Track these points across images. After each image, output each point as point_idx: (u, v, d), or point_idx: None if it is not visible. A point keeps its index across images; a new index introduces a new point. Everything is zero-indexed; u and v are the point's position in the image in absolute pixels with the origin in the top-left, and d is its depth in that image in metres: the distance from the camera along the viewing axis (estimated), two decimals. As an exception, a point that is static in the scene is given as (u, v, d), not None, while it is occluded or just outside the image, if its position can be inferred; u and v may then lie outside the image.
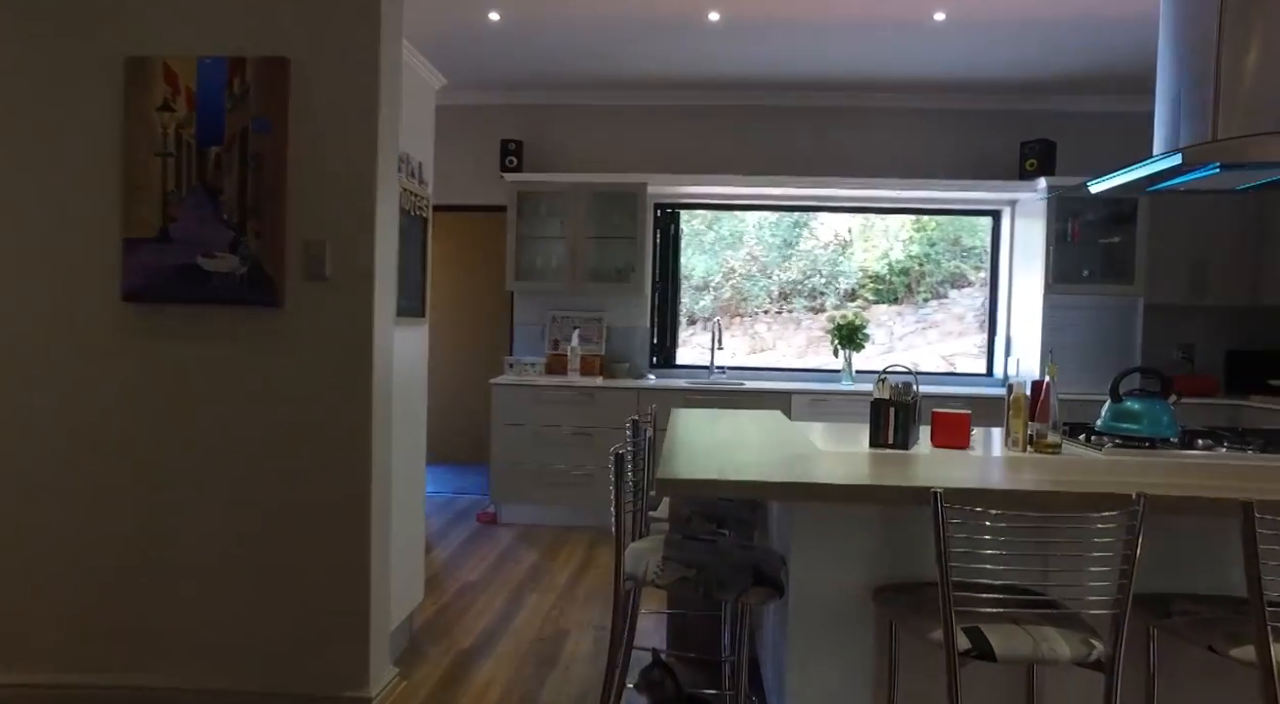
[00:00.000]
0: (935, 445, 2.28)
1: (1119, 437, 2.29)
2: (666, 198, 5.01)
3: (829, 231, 9.65)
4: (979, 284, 9.16)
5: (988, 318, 5.12)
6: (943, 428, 2.26)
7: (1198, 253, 4.52)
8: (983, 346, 8.34)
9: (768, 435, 2.35)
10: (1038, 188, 4.51)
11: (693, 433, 2.35)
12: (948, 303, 8.86)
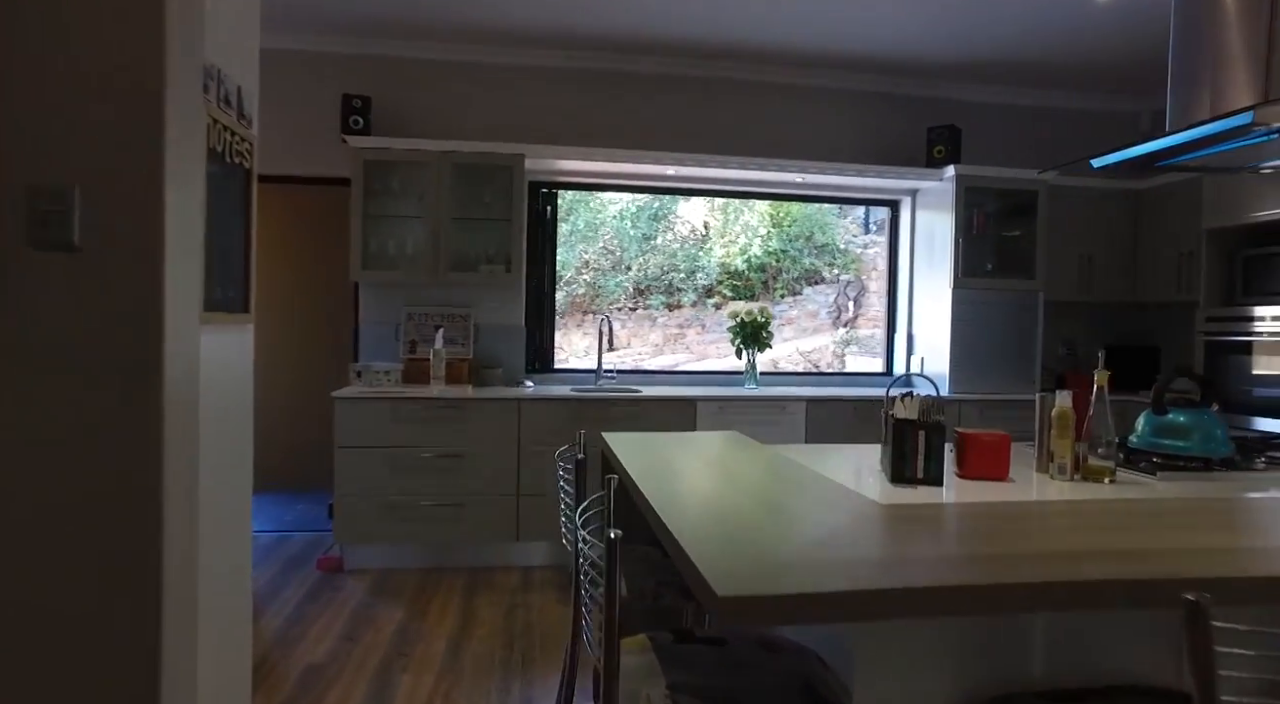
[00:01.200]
0: (965, 476, 1.78)
1: (1159, 455, 1.90)
2: (544, 175, 4.30)
3: (687, 225, 9.28)
4: (832, 281, 9.12)
5: (886, 314, 4.86)
6: (977, 454, 1.77)
7: (1085, 248, 4.48)
8: (840, 342, 8.25)
9: (770, 479, 1.76)
10: (945, 176, 4.27)
11: (661, 481, 1.71)
12: (802, 300, 8.78)
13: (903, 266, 4.75)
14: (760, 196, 4.68)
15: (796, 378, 4.67)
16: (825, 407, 3.99)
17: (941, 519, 1.43)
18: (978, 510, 1.48)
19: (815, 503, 1.49)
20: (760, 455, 2.05)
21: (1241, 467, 1.85)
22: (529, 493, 3.73)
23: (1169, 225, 4.32)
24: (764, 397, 3.94)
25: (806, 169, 4.18)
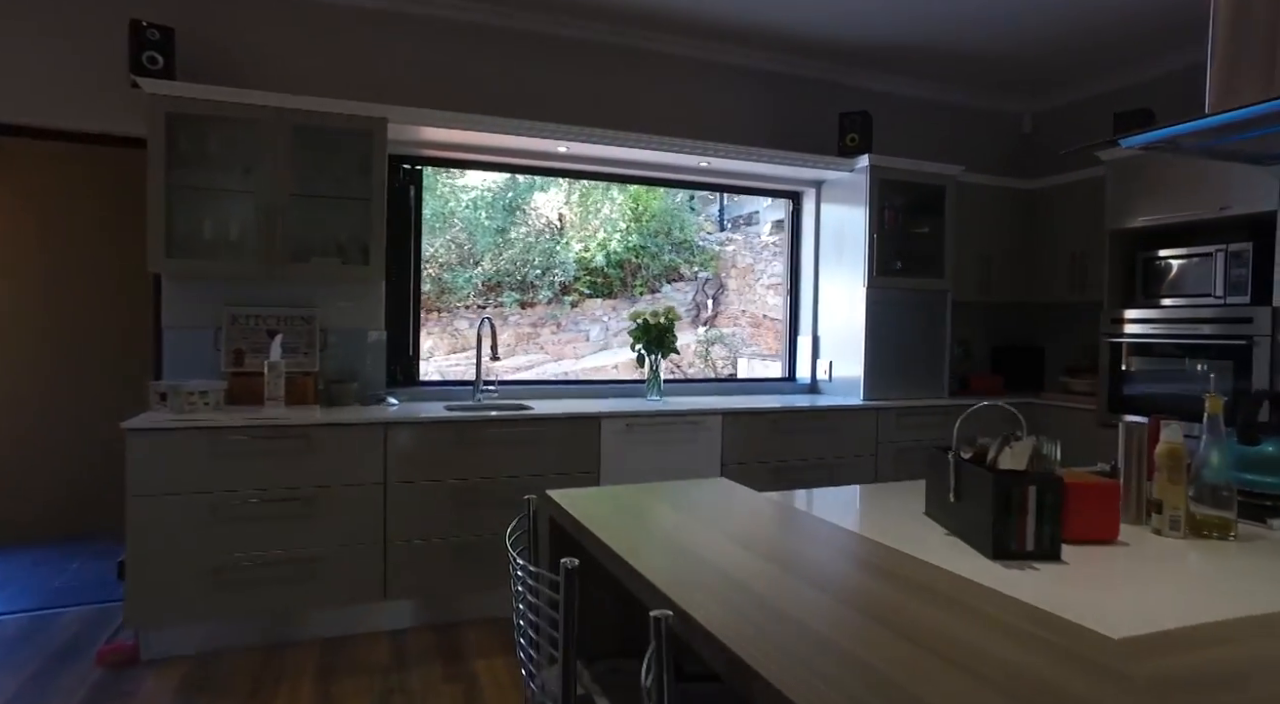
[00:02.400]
0: (1066, 538, 1.34)
1: (1246, 493, 1.57)
2: (409, 146, 3.53)
3: (543, 217, 8.65)
4: (691, 278, 8.86)
5: (788, 314, 4.52)
6: (1083, 507, 1.33)
7: (984, 248, 4.37)
8: (703, 341, 7.95)
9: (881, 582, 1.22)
10: (857, 166, 3.96)
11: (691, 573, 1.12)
12: (661, 297, 8.45)
13: (805, 263, 4.42)
14: (656, 183, 4.17)
15: (698, 386, 4.20)
16: (742, 420, 3.54)
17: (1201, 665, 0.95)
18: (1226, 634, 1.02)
19: (979, 629, 0.98)
20: (809, 527, 1.52)
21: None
22: (400, 539, 2.98)
23: (1062, 226, 4.28)
24: (675, 411, 3.42)
25: (720, 152, 3.71)
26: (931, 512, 1.48)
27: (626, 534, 1.30)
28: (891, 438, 3.85)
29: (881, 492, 1.75)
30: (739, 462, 3.54)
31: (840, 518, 1.49)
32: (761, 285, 8.51)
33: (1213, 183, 3.37)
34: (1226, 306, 3.32)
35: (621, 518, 1.41)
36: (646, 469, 3.37)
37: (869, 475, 3.80)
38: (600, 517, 1.42)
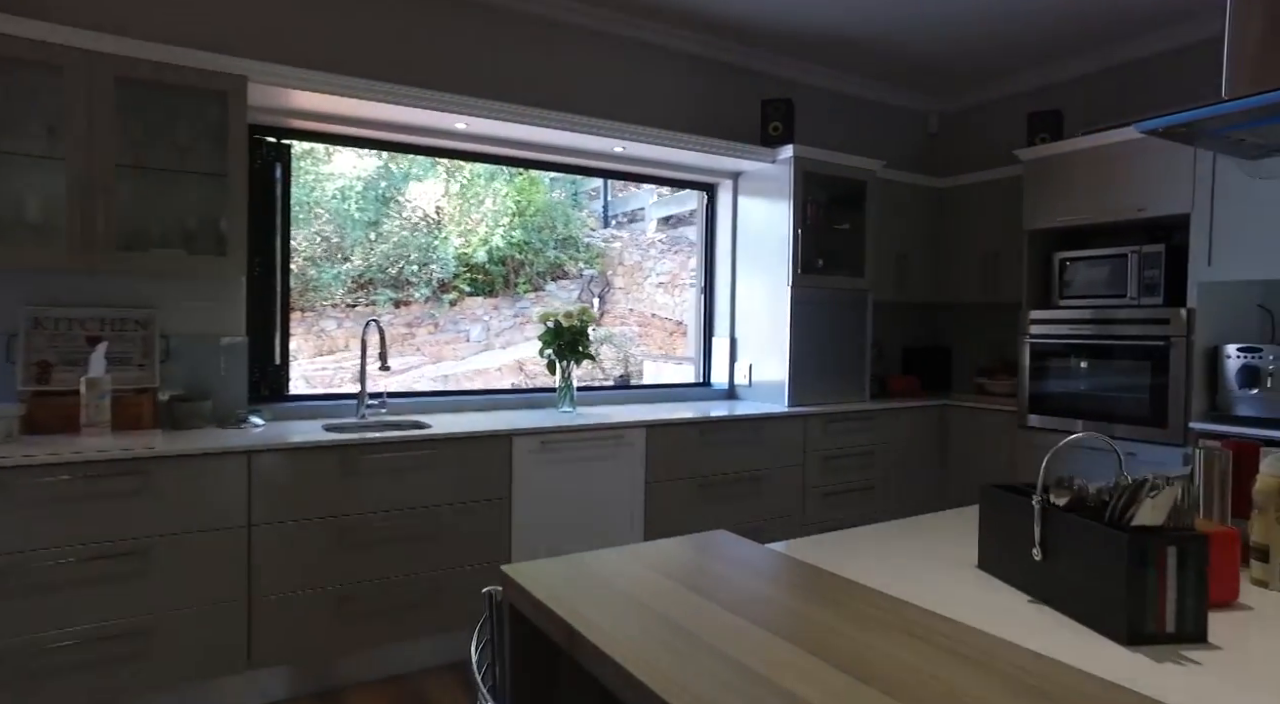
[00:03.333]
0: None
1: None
2: (273, 113, 2.94)
3: (419, 210, 8.02)
4: (576, 276, 8.50)
5: (703, 315, 4.23)
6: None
7: (900, 246, 4.27)
8: (595, 341, 7.68)
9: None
10: (779, 157, 3.72)
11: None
12: (546, 296, 8.05)
13: (721, 261, 4.14)
14: (564, 169, 3.75)
15: (611, 394, 3.83)
16: (668, 433, 3.21)
17: None
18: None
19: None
20: (857, 601, 1.17)
21: None
22: (269, 592, 2.42)
23: (974, 226, 4.25)
24: (596, 425, 3.04)
25: (640, 136, 3.35)
26: (991, 565, 1.19)
27: (652, 652, 0.92)
28: (818, 445, 3.64)
29: (896, 534, 1.46)
30: (665, 478, 3.20)
31: (875, 576, 1.18)
32: (650, 283, 8.25)
33: (1129, 185, 3.37)
34: (1141, 307, 3.33)
35: (626, 613, 1.02)
36: (566, 492, 2.97)
37: (797, 486, 3.57)
38: (599, 615, 1.02)
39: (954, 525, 1.52)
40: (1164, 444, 3.20)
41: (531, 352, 6.07)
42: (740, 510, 3.41)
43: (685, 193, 7.38)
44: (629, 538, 3.12)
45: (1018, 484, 1.22)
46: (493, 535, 2.82)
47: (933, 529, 1.49)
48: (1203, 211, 3.14)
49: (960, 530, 1.48)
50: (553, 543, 2.95)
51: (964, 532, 1.46)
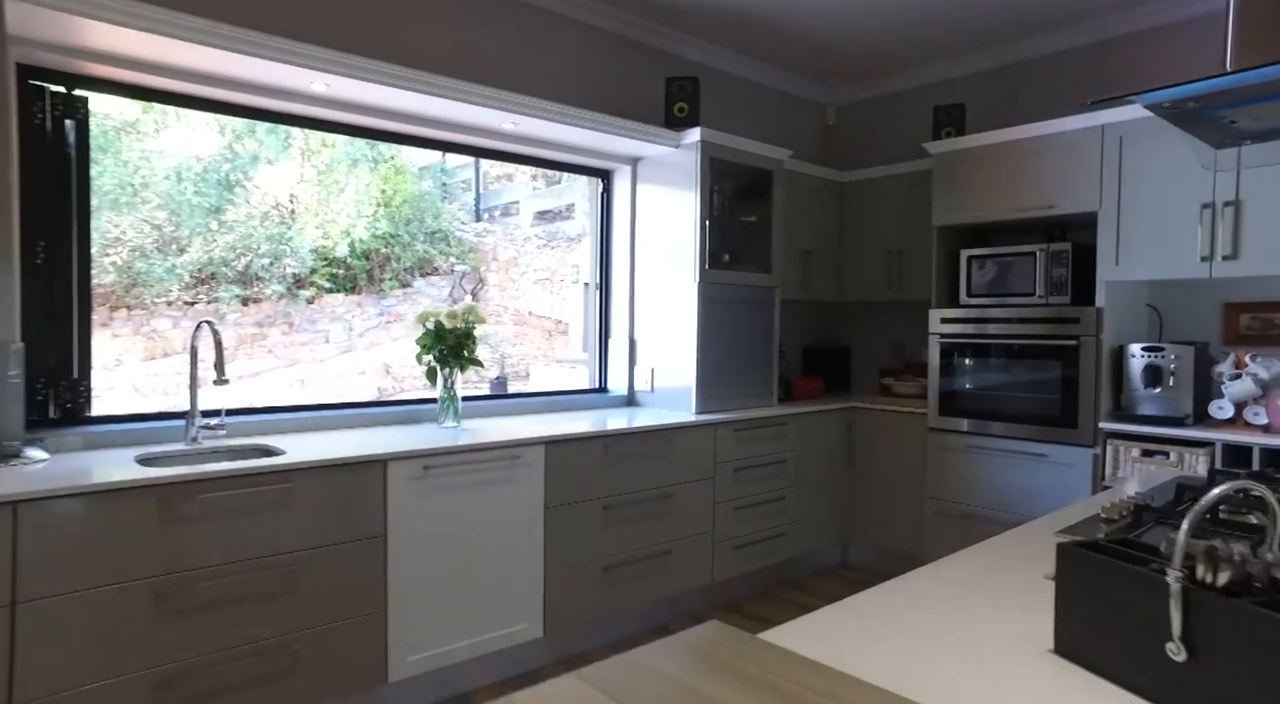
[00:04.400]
0: None
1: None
2: (63, 53, 2.28)
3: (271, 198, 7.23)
4: (447, 272, 7.96)
5: (598, 315, 3.86)
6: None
7: (804, 242, 4.08)
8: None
9: None
10: (685, 141, 3.41)
11: None
12: (414, 293, 7.45)
13: (618, 255, 3.79)
14: (445, 147, 3.27)
15: (497, 404, 3.39)
16: (569, 450, 2.82)
17: None
18: None
19: None
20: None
21: None
22: (36, 697, 1.83)
23: (877, 222, 4.12)
24: (488, 445, 2.59)
25: (536, 110, 2.92)
26: (1079, 653, 0.90)
27: None
28: (729, 455, 3.37)
29: (913, 600, 1.15)
30: (567, 501, 2.81)
31: (913, 671, 0.86)
32: (527, 281, 7.79)
33: (1039, 182, 3.30)
34: (1049, 306, 3.28)
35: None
36: (453, 525, 2.51)
37: (707, 501, 3.28)
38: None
39: (978, 579, 1.24)
40: (1074, 445, 3.15)
41: (400, 353, 5.50)
42: (649, 533, 3.08)
43: (563, 186, 6.95)
44: (526, 575, 2.70)
45: (1111, 540, 0.93)
46: (365, 584, 2.32)
47: (956, 587, 1.19)
48: (1110, 210, 3.10)
49: (994, 587, 1.19)
50: (438, 588, 2.49)
51: (1001, 589, 1.17)
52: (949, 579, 1.22)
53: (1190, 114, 1.55)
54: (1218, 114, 1.54)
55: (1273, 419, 2.83)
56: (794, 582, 3.74)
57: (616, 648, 2.91)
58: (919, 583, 1.20)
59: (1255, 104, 1.49)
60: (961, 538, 3.48)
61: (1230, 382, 2.99)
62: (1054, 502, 3.19)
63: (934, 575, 1.24)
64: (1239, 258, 2.81)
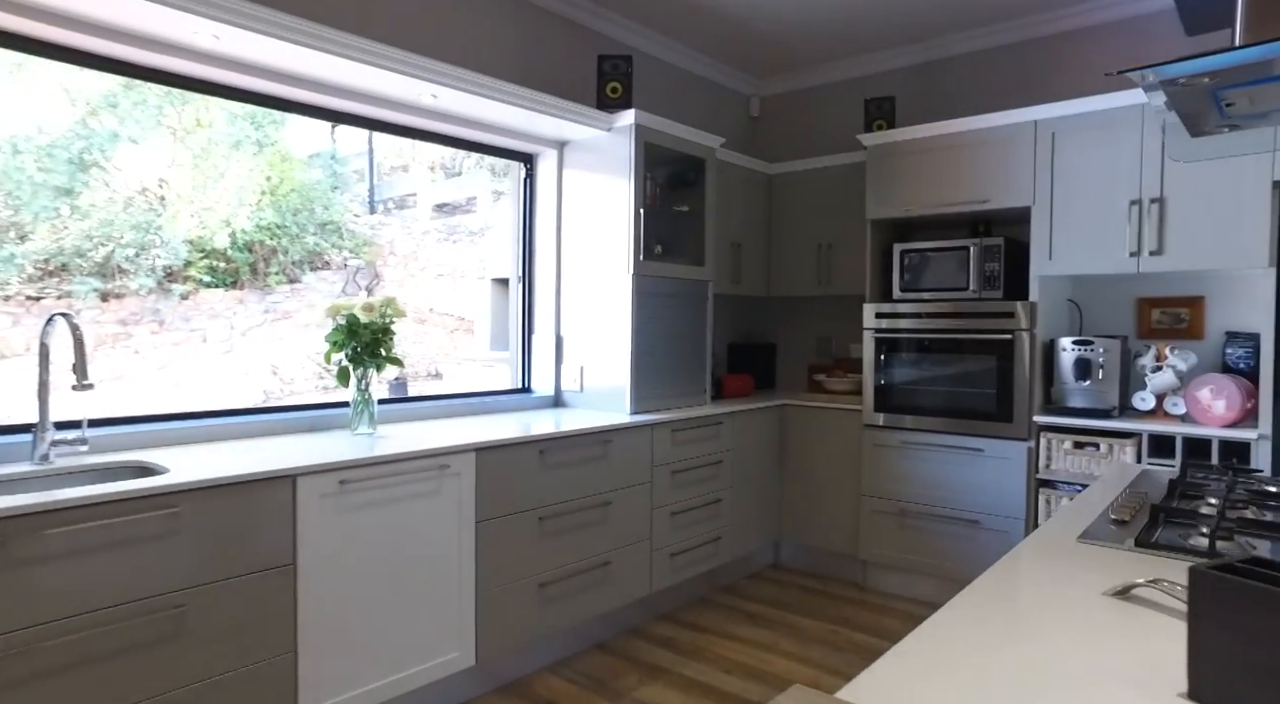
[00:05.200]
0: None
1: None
2: None
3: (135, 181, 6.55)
4: (340, 266, 7.45)
5: (522, 310, 3.59)
6: None
7: (734, 234, 3.96)
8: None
9: None
10: (618, 124, 3.20)
11: None
12: (301, 289, 6.92)
13: (542, 246, 3.53)
14: (356, 122, 2.91)
15: (416, 408, 3.06)
16: (502, 457, 2.55)
17: None
18: None
19: None
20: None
21: None
22: None
23: (807, 215, 4.05)
24: (412, 454, 2.29)
25: (461, 82, 2.63)
26: (1222, 698, 0.75)
27: None
28: (666, 458, 3.18)
29: (993, 635, 0.98)
30: (500, 513, 2.54)
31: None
32: (427, 276, 7.37)
33: (974, 176, 3.30)
34: (983, 300, 3.28)
35: None
36: (374, 546, 2.20)
37: (645, 507, 3.08)
38: None
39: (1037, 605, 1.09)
40: (1010, 439, 3.16)
41: (290, 353, 5.03)
42: (587, 543, 2.85)
43: (463, 178, 6.58)
44: (456, 598, 2.42)
45: (1241, 561, 0.79)
46: (270, 622, 1.98)
47: (1021, 618, 1.04)
48: (1043, 205, 3.13)
49: (1061, 612, 1.05)
50: (358, 619, 2.17)
51: (1070, 614, 1.03)
52: (1007, 609, 1.07)
53: (1196, 93, 1.48)
54: (1223, 94, 1.48)
55: (1190, 409, 2.92)
56: (727, 587, 3.61)
57: (555, 670, 2.67)
58: (976, 615, 1.04)
59: (1264, 84, 1.43)
60: (898, 535, 3.45)
61: (1153, 374, 3.07)
62: (991, 496, 3.19)
63: (984, 604, 1.08)
64: (1164, 253, 2.88)
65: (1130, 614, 1.01)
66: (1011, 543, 3.14)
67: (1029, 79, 3.60)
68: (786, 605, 3.37)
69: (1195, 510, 1.44)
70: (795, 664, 2.79)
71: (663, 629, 3.11)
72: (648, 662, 2.80)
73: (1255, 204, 2.71)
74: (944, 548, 3.32)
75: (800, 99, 4.41)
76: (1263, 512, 1.45)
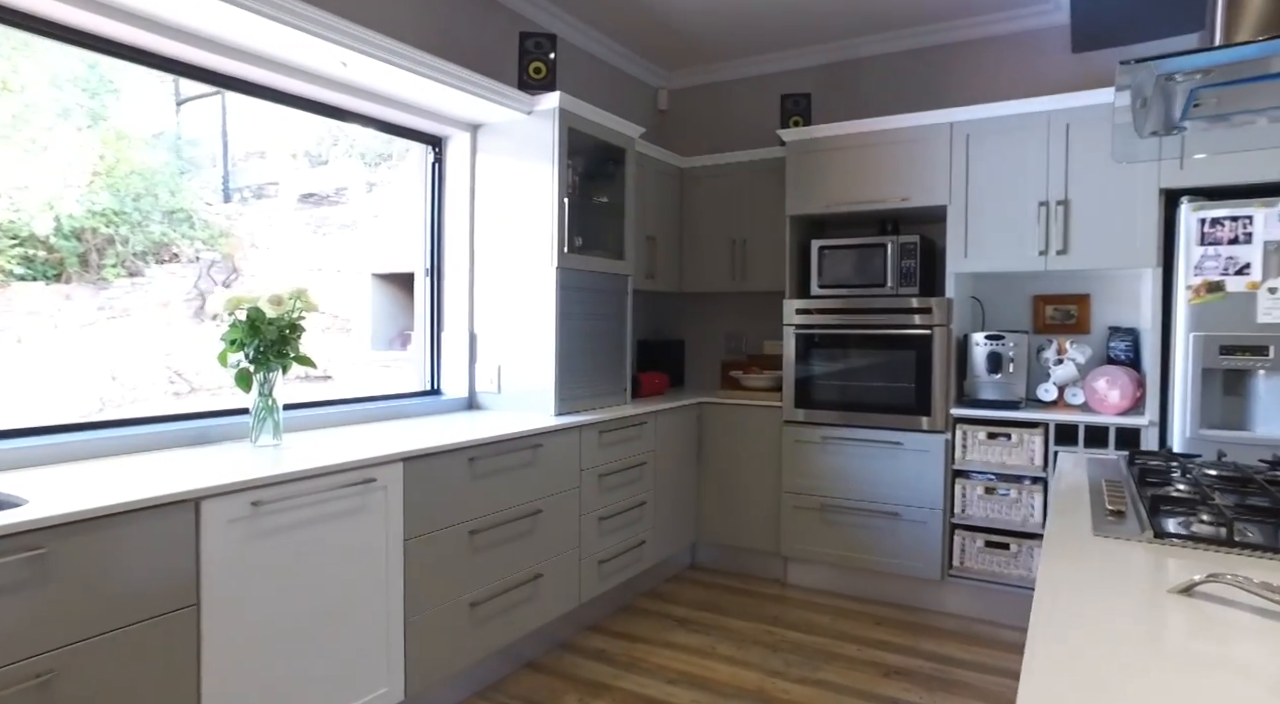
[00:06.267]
0: None
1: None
2: None
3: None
4: (192, 259, 6.79)
5: (429, 306, 3.31)
6: None
7: (649, 228, 3.85)
8: (210, 340, 6.27)
9: None
10: (539, 107, 3.00)
11: None
12: (145, 283, 6.26)
13: (452, 236, 3.27)
14: (249, 91, 2.54)
15: (317, 415, 2.73)
16: (432, 468, 2.30)
17: None
18: None
19: None
20: None
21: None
22: None
23: (720, 210, 4.00)
24: (334, 467, 2.01)
25: (379, 50, 2.35)
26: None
27: None
28: (594, 461, 3.03)
29: (1107, 660, 0.91)
30: (429, 530, 2.29)
31: None
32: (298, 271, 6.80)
33: (894, 174, 3.36)
34: (900, 296, 3.35)
35: None
36: (291, 577, 1.90)
37: (573, 514, 2.91)
38: None
39: (1114, 616, 1.04)
40: (928, 432, 3.24)
41: (132, 357, 4.47)
42: (519, 556, 2.64)
43: (330, 167, 6.10)
44: (384, 626, 2.15)
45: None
46: (167, 678, 1.65)
47: (1116, 638, 0.98)
48: (959, 204, 3.23)
49: (1157, 627, 0.99)
50: (273, 662, 1.87)
51: (1161, 624, 0.98)
52: (1083, 629, 1.01)
53: (1173, 91, 1.52)
54: (1200, 92, 1.51)
55: (1088, 398, 3.11)
56: (650, 592, 3.49)
57: (487, 697, 2.45)
58: (1066, 635, 0.97)
59: (1235, 86, 1.48)
60: (820, 529, 3.46)
61: (1055, 366, 3.25)
62: (910, 488, 3.26)
63: (1067, 622, 1.02)
64: (1069, 253, 3.05)
65: (1206, 612, 0.98)
66: (930, 533, 3.22)
67: (939, 82, 3.72)
68: (714, 607, 3.30)
69: (1187, 498, 1.46)
70: (738, 668, 2.71)
71: (594, 641, 2.95)
72: (585, 678, 2.64)
73: (1146, 209, 2.91)
74: (865, 541, 3.36)
75: (711, 93, 4.37)
76: (1244, 498, 1.50)
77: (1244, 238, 2.69)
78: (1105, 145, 2.98)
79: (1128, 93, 1.60)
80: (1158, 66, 1.40)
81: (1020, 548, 3.08)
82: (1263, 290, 2.67)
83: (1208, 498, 1.45)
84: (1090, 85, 3.30)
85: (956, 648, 2.91)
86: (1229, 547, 1.23)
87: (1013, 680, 2.64)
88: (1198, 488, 1.54)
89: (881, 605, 3.34)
